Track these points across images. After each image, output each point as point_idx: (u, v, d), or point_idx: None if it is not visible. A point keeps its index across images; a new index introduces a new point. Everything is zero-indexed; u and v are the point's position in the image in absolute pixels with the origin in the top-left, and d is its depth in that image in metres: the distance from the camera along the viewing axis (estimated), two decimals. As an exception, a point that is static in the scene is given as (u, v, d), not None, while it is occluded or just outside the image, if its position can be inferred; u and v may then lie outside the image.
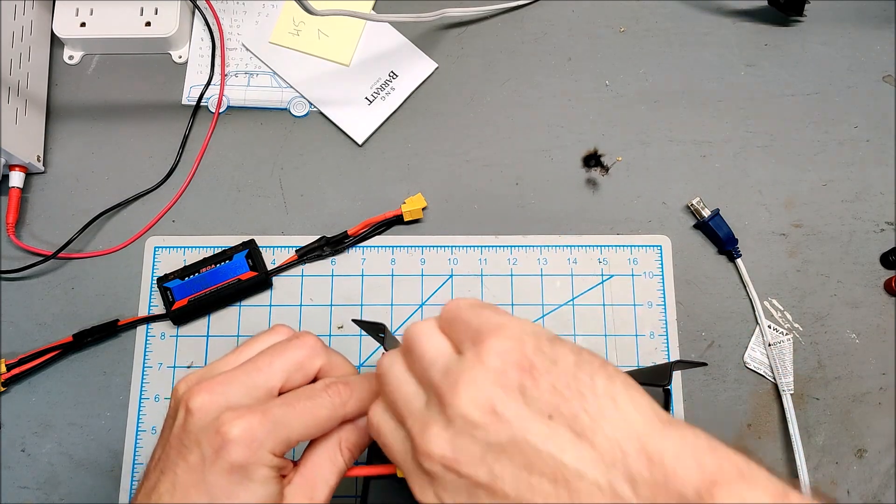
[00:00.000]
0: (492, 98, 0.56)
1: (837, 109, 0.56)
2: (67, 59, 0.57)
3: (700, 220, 0.52)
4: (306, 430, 0.30)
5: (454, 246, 0.52)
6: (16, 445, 0.48)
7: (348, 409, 0.31)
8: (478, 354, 0.27)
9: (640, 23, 0.58)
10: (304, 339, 0.33)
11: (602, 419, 0.25)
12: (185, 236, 0.52)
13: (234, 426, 0.28)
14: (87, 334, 0.49)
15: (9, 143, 0.49)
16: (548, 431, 0.25)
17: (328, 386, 0.31)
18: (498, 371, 0.26)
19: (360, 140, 0.55)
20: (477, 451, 0.26)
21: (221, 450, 0.28)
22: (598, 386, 0.26)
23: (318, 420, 0.30)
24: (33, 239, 0.52)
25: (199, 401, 0.30)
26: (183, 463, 0.29)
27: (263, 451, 0.29)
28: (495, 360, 0.26)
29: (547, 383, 0.26)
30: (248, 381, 0.31)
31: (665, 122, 0.55)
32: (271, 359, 0.32)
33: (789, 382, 0.49)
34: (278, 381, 0.31)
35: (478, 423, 0.26)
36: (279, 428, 0.29)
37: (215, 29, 0.57)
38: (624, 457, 0.24)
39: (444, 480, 0.26)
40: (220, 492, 0.28)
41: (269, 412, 0.29)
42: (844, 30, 0.58)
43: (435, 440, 0.26)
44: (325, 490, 0.31)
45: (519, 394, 0.26)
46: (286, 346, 0.32)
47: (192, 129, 0.55)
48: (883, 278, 0.52)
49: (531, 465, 0.25)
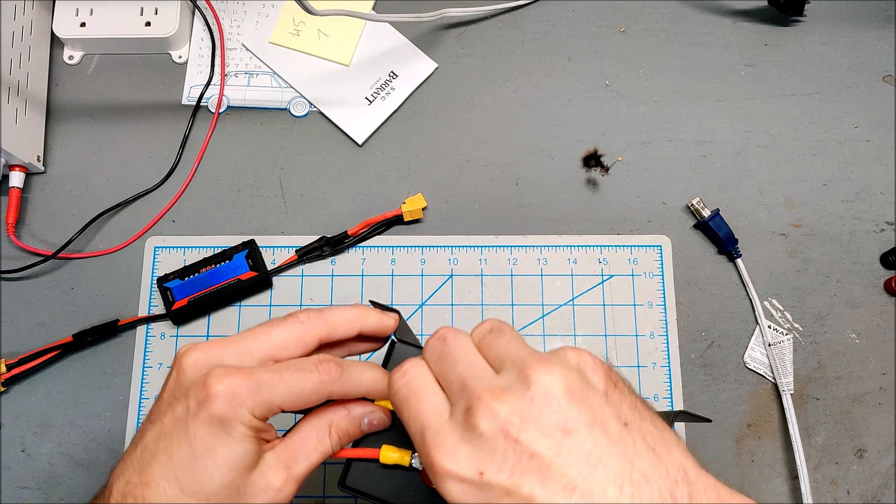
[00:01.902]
0: (492, 98, 0.56)
1: (837, 109, 0.56)
2: (67, 59, 0.57)
3: (700, 220, 0.52)
4: (289, 398, 0.30)
5: (454, 246, 0.52)
6: (16, 445, 0.48)
7: (335, 388, 0.31)
8: (569, 352, 0.28)
9: (640, 23, 0.58)
10: (299, 315, 0.33)
11: (669, 445, 0.27)
12: (185, 236, 0.52)
13: (218, 381, 0.29)
14: (87, 334, 0.49)
15: (9, 143, 0.49)
16: (623, 432, 0.26)
17: (320, 362, 0.31)
18: (588, 368, 0.28)
19: (360, 140, 0.55)
20: (548, 424, 0.26)
21: (205, 402, 0.29)
22: (663, 424, 0.28)
23: (301, 391, 0.31)
24: (33, 239, 0.52)
25: (192, 357, 0.31)
26: (170, 413, 0.30)
27: (243, 410, 0.29)
28: (588, 359, 0.28)
29: (627, 400, 0.28)
30: (242, 347, 0.31)
31: (665, 122, 0.55)
32: (269, 329, 0.32)
33: (789, 382, 0.49)
34: (273, 351, 0.32)
35: (560, 399, 0.26)
36: (262, 390, 0.30)
37: (215, 29, 0.57)
38: (686, 477, 0.26)
39: (493, 445, 0.26)
40: (199, 443, 0.29)
41: (255, 374, 0.30)
42: (844, 30, 0.58)
43: (507, 404, 0.26)
44: (304, 465, 0.31)
45: (603, 392, 0.28)
46: (286, 319, 0.33)
47: (192, 129, 0.55)
48: (883, 278, 0.52)
49: (599, 456, 0.26)
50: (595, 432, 0.26)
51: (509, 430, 0.26)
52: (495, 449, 0.26)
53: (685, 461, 0.27)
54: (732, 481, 0.48)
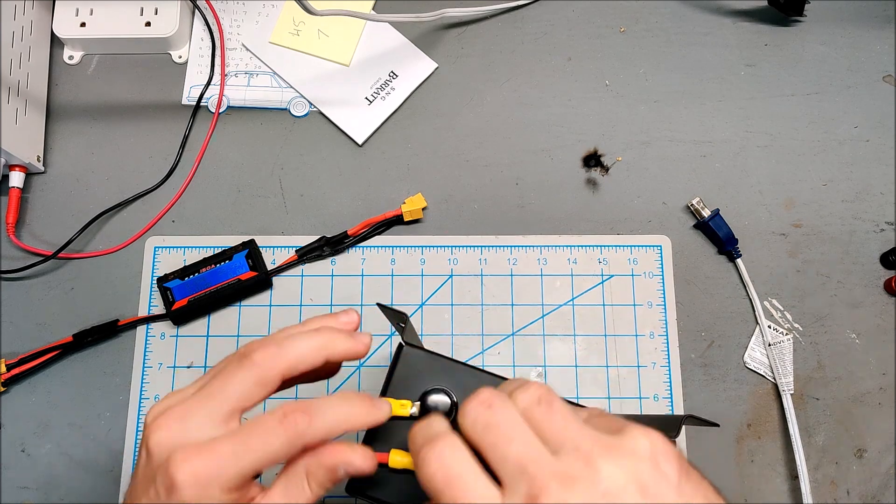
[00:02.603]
0: (492, 98, 0.56)
1: (837, 109, 0.56)
2: (67, 59, 0.57)
3: (700, 220, 0.52)
4: (259, 463, 0.29)
5: (454, 246, 0.52)
6: (16, 445, 0.48)
7: (308, 438, 0.29)
8: (638, 436, 0.26)
9: (640, 23, 0.58)
10: (256, 356, 0.31)
11: None
12: (185, 236, 0.52)
13: (180, 469, 0.28)
14: (87, 334, 0.49)
15: (9, 143, 0.49)
16: None
17: (285, 415, 0.29)
18: (659, 454, 0.26)
19: (360, 140, 0.55)
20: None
21: (171, 491, 0.28)
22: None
23: (270, 453, 0.29)
24: (33, 239, 0.52)
25: (155, 439, 0.29)
26: (145, 499, 0.29)
27: (213, 490, 0.28)
28: (659, 445, 0.26)
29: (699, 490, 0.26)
30: (203, 411, 0.30)
31: (665, 122, 0.55)
32: (223, 383, 0.30)
33: (789, 382, 0.49)
34: (236, 404, 0.30)
35: (632, 493, 0.25)
36: (228, 465, 0.28)
37: (215, 29, 0.57)
38: None
39: None
40: None
41: (218, 450, 0.28)
42: (844, 30, 0.58)
43: (576, 493, 0.24)
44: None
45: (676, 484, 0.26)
46: (241, 362, 0.31)
47: (192, 129, 0.55)
48: (883, 278, 0.52)
49: None
50: None
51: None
52: None
53: None
54: (732, 481, 0.48)
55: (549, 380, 0.49)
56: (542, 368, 0.50)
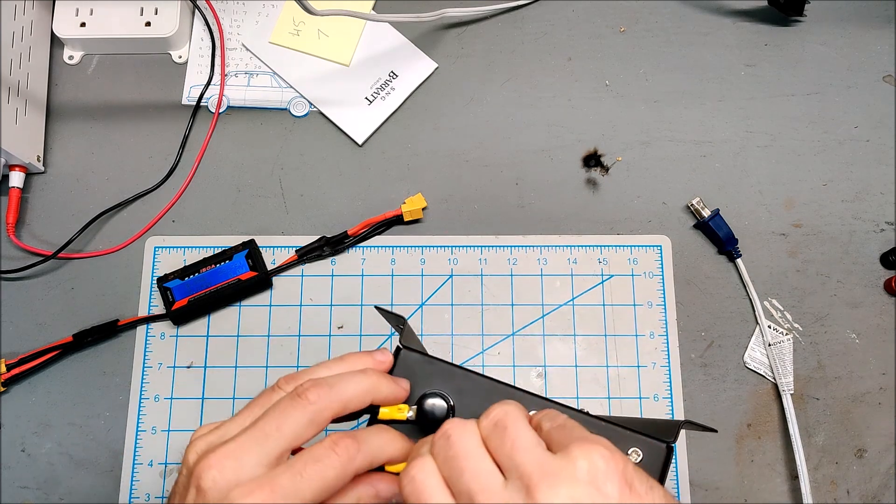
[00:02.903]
0: (492, 98, 0.56)
1: (837, 109, 0.56)
2: (67, 59, 0.57)
3: (700, 220, 0.52)
4: (317, 495, 0.29)
5: (454, 246, 0.52)
6: (16, 445, 0.48)
7: (358, 465, 0.30)
8: (579, 456, 0.27)
9: (640, 23, 0.58)
10: (310, 395, 0.31)
11: None
12: (185, 236, 0.52)
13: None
14: (87, 334, 0.49)
15: (9, 143, 0.49)
16: None
17: (335, 443, 0.30)
18: (600, 474, 0.26)
19: (360, 140, 0.55)
20: None
21: None
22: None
23: (327, 482, 0.29)
24: (33, 239, 0.52)
25: (209, 478, 0.29)
26: None
27: None
28: (599, 464, 0.26)
29: (645, 501, 0.26)
30: (258, 450, 0.30)
31: (665, 122, 0.55)
32: (278, 423, 0.31)
33: (789, 382, 0.49)
34: (289, 444, 0.30)
35: None
36: (289, 498, 0.28)
37: (215, 29, 0.57)
38: None
39: None
40: None
41: (278, 485, 0.28)
42: (844, 30, 0.58)
43: None
44: None
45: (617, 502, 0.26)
46: (293, 402, 0.31)
47: (192, 129, 0.55)
48: (883, 278, 0.52)
49: None
50: None
51: None
52: None
53: None
54: (732, 481, 0.48)
55: (548, 380, 0.49)
56: (541, 368, 0.50)
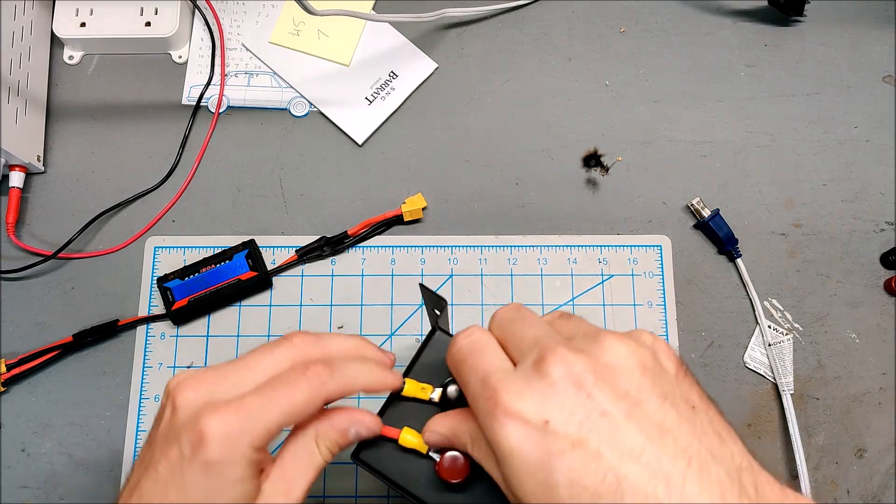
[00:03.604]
0: (492, 98, 0.56)
1: (837, 109, 0.56)
2: (67, 59, 0.57)
3: (700, 220, 0.52)
4: (285, 418, 0.29)
5: (454, 246, 0.52)
6: (16, 445, 0.48)
7: (329, 391, 0.30)
8: (644, 334, 0.29)
9: (640, 23, 0.58)
10: (292, 338, 0.32)
11: (734, 436, 0.28)
12: (185, 236, 0.52)
13: (210, 422, 0.28)
14: (87, 334, 0.49)
15: (9, 143, 0.49)
16: (691, 414, 0.27)
17: (306, 367, 0.30)
18: (661, 351, 0.29)
19: (360, 140, 0.55)
20: (621, 389, 0.26)
21: (198, 447, 0.28)
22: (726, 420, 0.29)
23: (294, 406, 0.29)
24: (33, 239, 0.52)
25: (184, 397, 0.29)
26: (164, 460, 0.29)
27: (242, 447, 0.28)
28: (662, 344, 0.29)
29: (695, 388, 0.28)
30: (235, 378, 0.30)
31: (665, 122, 0.55)
32: (260, 356, 0.31)
33: (789, 382, 0.49)
34: (266, 380, 0.30)
35: (634, 370, 0.27)
36: (256, 420, 0.28)
37: (215, 29, 0.57)
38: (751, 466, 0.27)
39: (563, 395, 0.26)
40: (196, 491, 0.28)
41: (245, 405, 0.29)
42: (844, 30, 0.58)
43: (582, 358, 0.27)
44: (301, 486, 0.30)
45: (674, 376, 0.28)
46: (277, 343, 0.32)
47: (192, 129, 0.55)
48: (883, 278, 0.52)
49: (668, 429, 0.26)
50: (665, 406, 0.26)
51: (583, 383, 0.26)
52: (566, 400, 0.26)
53: (747, 454, 0.27)
54: (732, 481, 0.48)
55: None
56: (542, 368, 0.50)
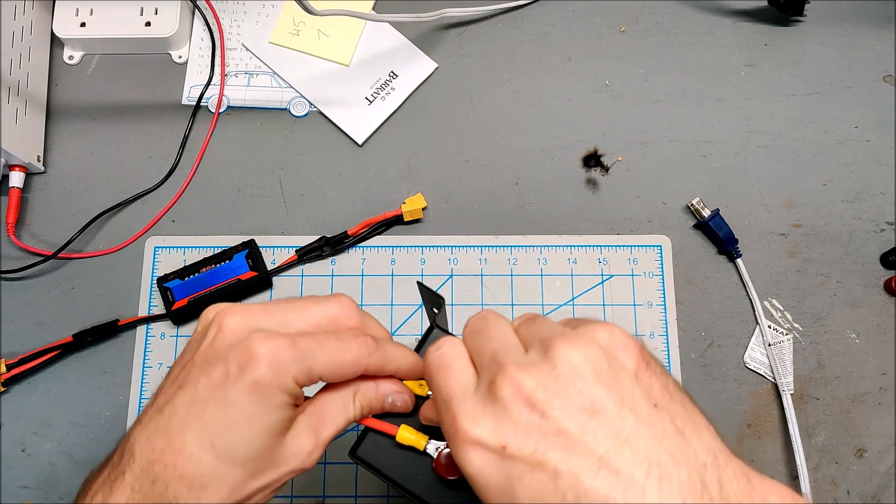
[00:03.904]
0: (492, 98, 0.56)
1: (837, 109, 0.56)
2: (67, 59, 0.57)
3: (700, 220, 0.52)
4: (329, 367, 0.30)
5: (454, 246, 0.52)
6: (16, 445, 0.48)
7: (372, 361, 0.31)
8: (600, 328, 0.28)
9: (640, 23, 0.58)
10: (341, 298, 0.33)
11: (699, 429, 0.26)
12: (185, 236, 0.53)
13: (262, 344, 0.29)
14: (87, 334, 0.49)
15: (9, 143, 0.49)
16: (652, 414, 0.26)
17: (357, 335, 0.31)
18: (618, 347, 0.27)
19: (360, 140, 0.55)
20: (575, 401, 0.25)
21: (247, 366, 0.28)
22: (695, 408, 0.28)
23: (342, 361, 0.30)
24: (33, 239, 0.52)
25: (233, 321, 0.30)
26: (205, 378, 0.29)
27: (287, 377, 0.29)
28: (619, 338, 0.28)
29: (658, 381, 0.27)
30: (281, 317, 0.31)
31: (665, 122, 0.55)
32: (307, 305, 0.32)
33: (789, 382, 0.49)
34: (309, 327, 0.31)
35: (587, 377, 0.26)
36: (305, 357, 0.29)
37: (215, 29, 0.57)
38: (716, 462, 0.25)
39: (517, 417, 0.26)
40: (238, 410, 0.28)
41: (297, 341, 0.29)
42: (844, 30, 0.58)
43: (533, 376, 0.26)
44: (331, 429, 0.31)
45: (634, 374, 0.27)
46: (325, 298, 0.33)
47: (192, 129, 0.55)
48: (883, 278, 0.52)
49: (627, 437, 0.25)
50: (623, 413, 0.25)
51: (535, 402, 0.26)
52: (519, 421, 0.26)
53: (715, 445, 0.26)
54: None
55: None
56: (542, 368, 0.50)
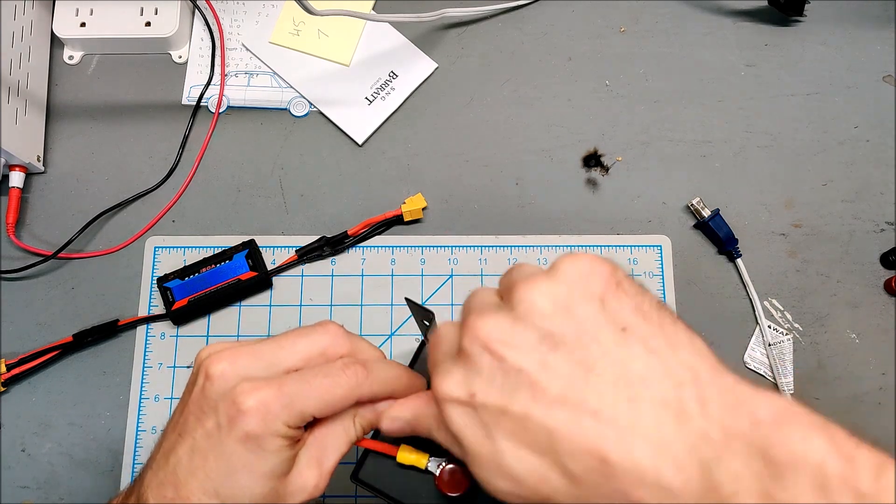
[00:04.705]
0: (492, 98, 0.56)
1: (837, 109, 0.56)
2: (67, 59, 0.57)
3: (700, 220, 0.52)
4: (320, 406, 0.30)
5: (454, 246, 0.52)
6: (16, 445, 0.48)
7: (363, 391, 0.31)
8: (565, 262, 0.27)
9: (640, 23, 0.58)
10: (327, 326, 0.33)
11: (677, 346, 0.25)
12: (185, 236, 0.52)
13: (249, 397, 0.29)
14: (87, 334, 0.49)
15: (9, 143, 0.49)
16: (619, 338, 0.25)
17: (346, 366, 0.31)
18: (582, 276, 0.26)
19: (360, 140, 0.55)
20: (532, 338, 0.25)
21: (236, 420, 0.29)
22: (677, 325, 0.26)
23: (332, 398, 0.30)
24: (33, 239, 0.52)
25: (219, 368, 0.30)
26: (201, 428, 0.30)
27: (278, 423, 0.29)
28: (584, 266, 0.26)
29: (630, 302, 0.26)
30: (269, 357, 0.31)
31: (665, 122, 0.55)
32: (294, 339, 0.32)
33: (789, 382, 0.49)
34: (299, 362, 0.31)
35: (544, 313, 0.25)
36: (294, 402, 0.29)
37: (215, 29, 0.57)
38: (696, 379, 0.24)
39: (479, 365, 0.26)
40: (236, 459, 0.29)
41: (285, 386, 0.29)
42: (844, 30, 0.58)
43: (489, 321, 0.26)
44: (334, 457, 0.32)
45: (599, 301, 0.26)
46: (312, 329, 0.33)
47: (192, 129, 0.55)
48: (883, 278, 0.52)
49: (591, 365, 0.24)
50: (584, 342, 0.25)
51: (493, 347, 0.26)
52: (482, 369, 0.26)
53: (696, 362, 0.25)
54: (732, 481, 0.48)
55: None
56: (542, 368, 0.50)
